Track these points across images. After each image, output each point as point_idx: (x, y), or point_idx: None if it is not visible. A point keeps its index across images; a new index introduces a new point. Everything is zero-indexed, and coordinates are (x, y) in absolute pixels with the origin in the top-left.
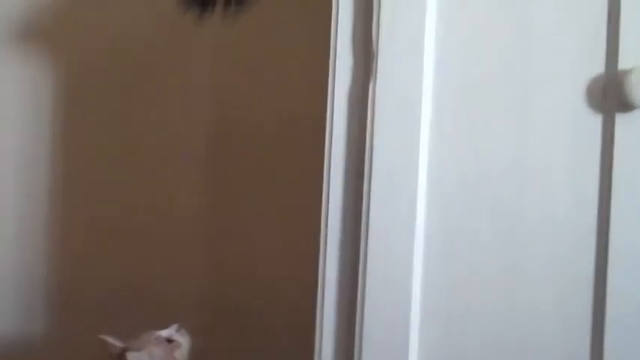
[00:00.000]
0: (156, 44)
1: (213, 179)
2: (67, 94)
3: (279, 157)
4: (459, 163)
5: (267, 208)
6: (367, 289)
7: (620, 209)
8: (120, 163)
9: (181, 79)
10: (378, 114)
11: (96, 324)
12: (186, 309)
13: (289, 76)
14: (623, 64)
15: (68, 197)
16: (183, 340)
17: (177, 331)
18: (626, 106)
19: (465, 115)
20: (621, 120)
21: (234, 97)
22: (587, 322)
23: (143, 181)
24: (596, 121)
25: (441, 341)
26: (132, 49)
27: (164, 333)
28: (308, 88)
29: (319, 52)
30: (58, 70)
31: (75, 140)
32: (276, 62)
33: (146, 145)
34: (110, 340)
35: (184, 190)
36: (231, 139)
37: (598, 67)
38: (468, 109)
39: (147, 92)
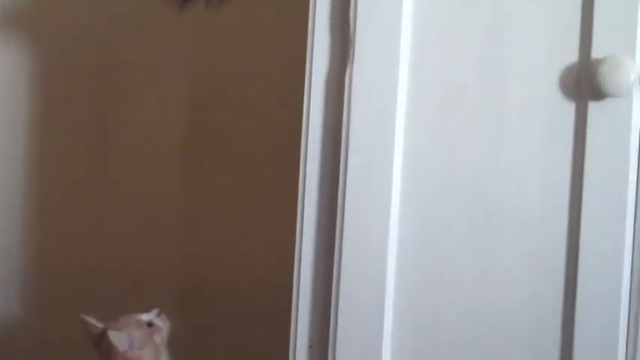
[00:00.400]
0: (135, 33)
1: (190, 167)
2: (44, 82)
3: (257, 147)
4: (434, 154)
5: (244, 194)
6: (342, 281)
7: (591, 198)
8: (97, 150)
9: (160, 69)
10: (354, 99)
11: (73, 308)
12: (162, 294)
13: (269, 67)
14: (596, 53)
15: (44, 182)
16: (163, 325)
17: (158, 315)
18: (599, 95)
19: (440, 105)
20: (594, 108)
21: (213, 87)
22: (557, 315)
23: (120, 167)
24: (569, 109)
25: (414, 334)
26: (111, 38)
27: (144, 317)
28: (287, 79)
29: (299, 44)
30: (36, 58)
31: (52, 127)
32: (256, 53)
33: (123, 133)
34: (91, 320)
35: (161, 176)
36: (209, 128)
37: (571, 56)
38: (442, 100)
39: (125, 81)
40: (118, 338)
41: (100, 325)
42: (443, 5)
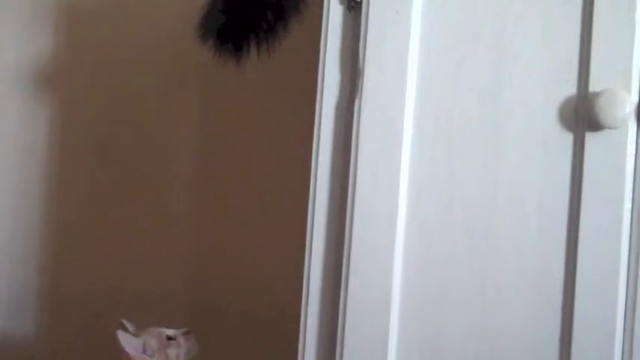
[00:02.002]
0: (146, 84)
1: (202, 188)
2: (61, 128)
3: (267, 171)
4: (437, 183)
5: (255, 213)
6: (348, 304)
7: (588, 225)
8: (111, 177)
9: (169, 115)
10: (362, 128)
11: (84, 326)
12: (173, 310)
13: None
14: (593, 86)
15: (60, 208)
16: (185, 344)
17: (185, 334)
18: (596, 126)
19: (443, 135)
20: (591, 139)
21: (223, 122)
22: (555, 334)
23: (133, 192)
24: (567, 140)
25: (416, 343)
26: (123, 91)
27: (169, 331)
28: (297, 115)
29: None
30: (54, 107)
31: (68, 154)
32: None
33: (136, 164)
34: (127, 324)
35: (173, 201)
36: (221, 151)
37: (570, 90)
38: (446, 130)
39: (136, 124)
40: (125, 340)
41: (131, 330)
42: (447, 40)
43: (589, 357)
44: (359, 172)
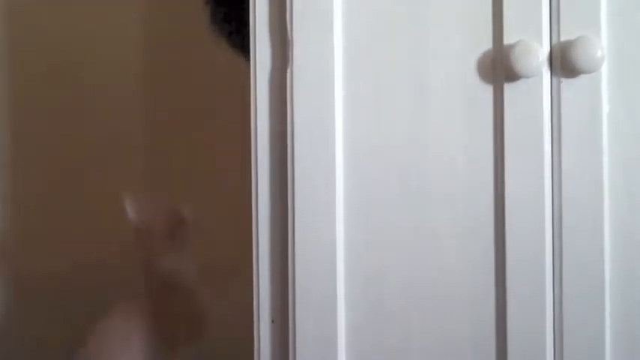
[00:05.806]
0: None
1: (150, 169)
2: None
3: (214, 145)
4: (370, 137)
5: (203, 183)
6: (297, 268)
7: (511, 167)
8: (65, 155)
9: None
10: (296, 98)
11: (48, 310)
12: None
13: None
14: (507, 39)
15: (15, 188)
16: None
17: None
18: (513, 77)
19: (373, 94)
20: (509, 89)
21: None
22: (490, 265)
23: (87, 174)
24: (487, 91)
25: (362, 288)
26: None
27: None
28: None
29: None
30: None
31: (22, 132)
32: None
33: (87, 139)
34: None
35: (124, 180)
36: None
37: (487, 44)
38: (375, 89)
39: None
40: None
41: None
42: (370, 6)
43: (523, 283)
44: (296, 138)
